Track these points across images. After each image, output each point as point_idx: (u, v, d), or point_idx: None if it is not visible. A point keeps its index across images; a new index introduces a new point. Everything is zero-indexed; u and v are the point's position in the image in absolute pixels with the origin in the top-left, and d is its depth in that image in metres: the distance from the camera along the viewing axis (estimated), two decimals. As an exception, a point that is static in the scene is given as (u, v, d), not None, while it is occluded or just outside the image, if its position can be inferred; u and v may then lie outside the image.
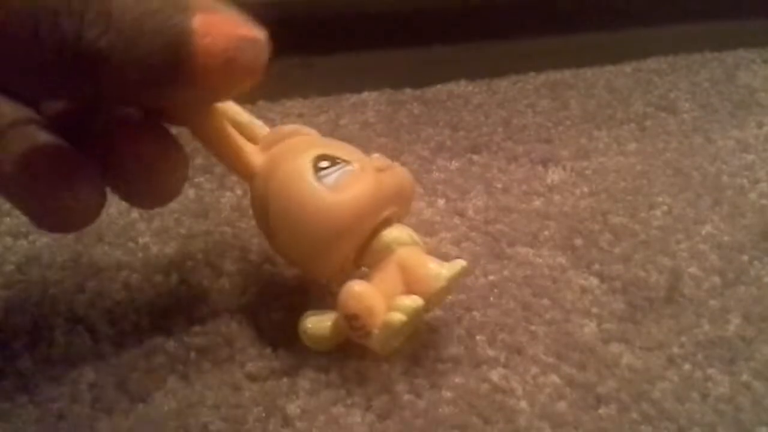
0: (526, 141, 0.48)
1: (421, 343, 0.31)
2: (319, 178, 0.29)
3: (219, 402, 0.28)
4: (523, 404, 0.28)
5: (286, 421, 0.27)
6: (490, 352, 0.30)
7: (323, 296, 0.33)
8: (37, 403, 0.28)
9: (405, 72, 0.56)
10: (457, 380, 0.29)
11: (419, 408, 0.28)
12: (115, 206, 0.41)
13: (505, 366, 0.30)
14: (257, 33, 0.24)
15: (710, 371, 0.30)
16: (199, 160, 0.44)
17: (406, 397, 0.28)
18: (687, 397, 0.28)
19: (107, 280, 0.35)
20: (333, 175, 0.29)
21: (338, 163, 0.29)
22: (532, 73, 0.58)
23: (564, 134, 0.49)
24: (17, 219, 0.40)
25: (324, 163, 0.29)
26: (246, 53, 0.23)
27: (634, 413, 0.27)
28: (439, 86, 0.55)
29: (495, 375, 0.29)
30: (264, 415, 0.28)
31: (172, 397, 0.28)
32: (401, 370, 0.29)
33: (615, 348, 0.31)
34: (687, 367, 0.30)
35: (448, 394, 0.28)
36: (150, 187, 0.28)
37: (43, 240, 0.38)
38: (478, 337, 0.31)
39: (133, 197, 0.29)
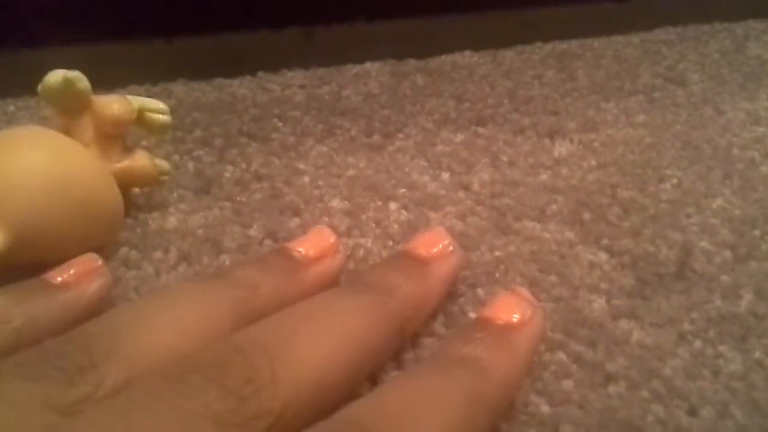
0: (532, 113, 0.47)
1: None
2: None
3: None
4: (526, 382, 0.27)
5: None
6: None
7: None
8: None
9: (409, 42, 0.55)
10: None
11: None
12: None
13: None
14: None
15: (722, 348, 0.29)
16: (198, 132, 0.43)
17: (393, 374, 0.27)
18: (698, 375, 0.28)
19: (105, 256, 0.34)
20: None
21: None
22: (539, 44, 0.57)
23: (571, 106, 0.48)
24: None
25: None
26: None
27: (644, 391, 0.27)
28: (443, 57, 0.54)
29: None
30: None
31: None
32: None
33: (624, 324, 0.30)
34: (698, 344, 0.29)
35: None
36: None
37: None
38: (471, 314, 0.30)
39: None
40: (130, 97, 0.35)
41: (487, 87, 0.50)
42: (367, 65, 0.52)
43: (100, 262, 0.29)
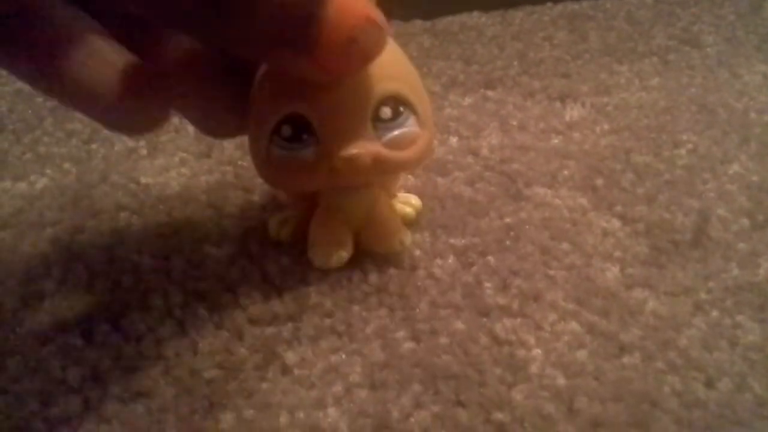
0: (543, 75, 0.46)
1: (425, 289, 0.29)
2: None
3: (215, 349, 0.27)
4: (537, 352, 0.26)
5: (285, 369, 0.26)
6: (500, 300, 0.29)
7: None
8: (19, 333, 0.28)
9: (415, 2, 0.53)
10: (457, 327, 0.27)
11: (418, 357, 0.26)
12: (120, 144, 0.39)
13: (519, 314, 0.28)
14: (382, 19, 0.23)
15: (739, 318, 0.28)
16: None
17: (407, 345, 0.27)
18: (715, 346, 0.27)
19: (108, 220, 0.34)
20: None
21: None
22: (549, 4, 0.55)
23: (583, 68, 0.47)
24: (17, 161, 0.38)
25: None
26: (369, 37, 0.23)
27: (659, 362, 0.26)
28: (450, 18, 0.53)
29: (507, 323, 0.28)
30: (262, 362, 0.26)
31: (165, 338, 0.27)
32: (402, 317, 0.28)
33: (639, 294, 0.29)
34: (715, 313, 0.28)
35: (445, 340, 0.27)
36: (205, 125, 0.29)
37: (42, 182, 0.36)
38: (487, 284, 0.30)
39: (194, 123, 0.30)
40: None
41: (496, 49, 0.49)
42: (373, 26, 0.50)
43: None
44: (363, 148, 0.25)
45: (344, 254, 0.30)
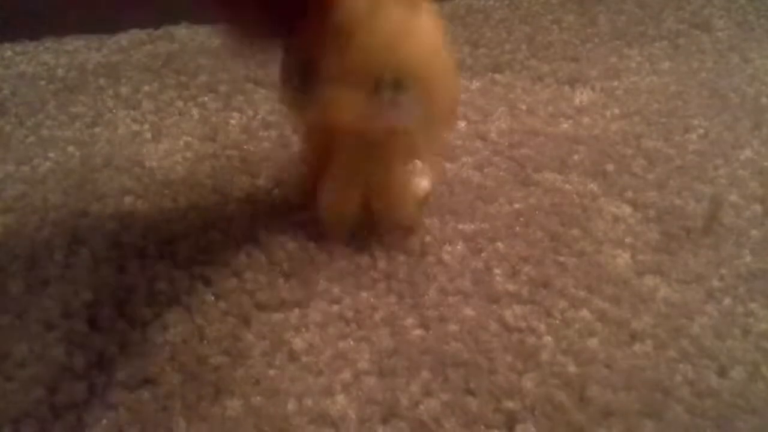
0: (551, 59, 0.45)
1: (434, 276, 0.29)
2: None
3: (221, 335, 0.26)
4: (548, 339, 0.26)
5: (293, 355, 0.26)
6: (510, 287, 0.28)
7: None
8: (24, 319, 0.27)
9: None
10: (467, 313, 0.27)
11: (427, 344, 0.26)
12: (124, 128, 0.39)
13: (529, 301, 0.28)
14: None
15: (752, 306, 0.28)
16: (202, 78, 0.42)
17: (416, 332, 0.26)
18: (728, 333, 0.26)
19: (112, 205, 0.33)
20: None
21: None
22: (558, -13, 0.54)
23: (592, 52, 0.46)
24: (20, 145, 0.38)
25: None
26: None
27: (671, 350, 0.26)
28: (457, 0, 0.52)
29: (518, 310, 0.27)
30: (270, 349, 0.26)
31: (172, 324, 0.27)
32: (411, 304, 0.28)
33: (650, 281, 0.29)
34: (727, 301, 0.28)
35: (454, 327, 0.27)
36: None
37: (46, 165, 0.36)
38: (496, 271, 0.29)
39: None
40: None
41: (504, 32, 0.48)
42: (379, 9, 0.50)
43: None
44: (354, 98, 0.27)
45: (353, 213, 0.30)
